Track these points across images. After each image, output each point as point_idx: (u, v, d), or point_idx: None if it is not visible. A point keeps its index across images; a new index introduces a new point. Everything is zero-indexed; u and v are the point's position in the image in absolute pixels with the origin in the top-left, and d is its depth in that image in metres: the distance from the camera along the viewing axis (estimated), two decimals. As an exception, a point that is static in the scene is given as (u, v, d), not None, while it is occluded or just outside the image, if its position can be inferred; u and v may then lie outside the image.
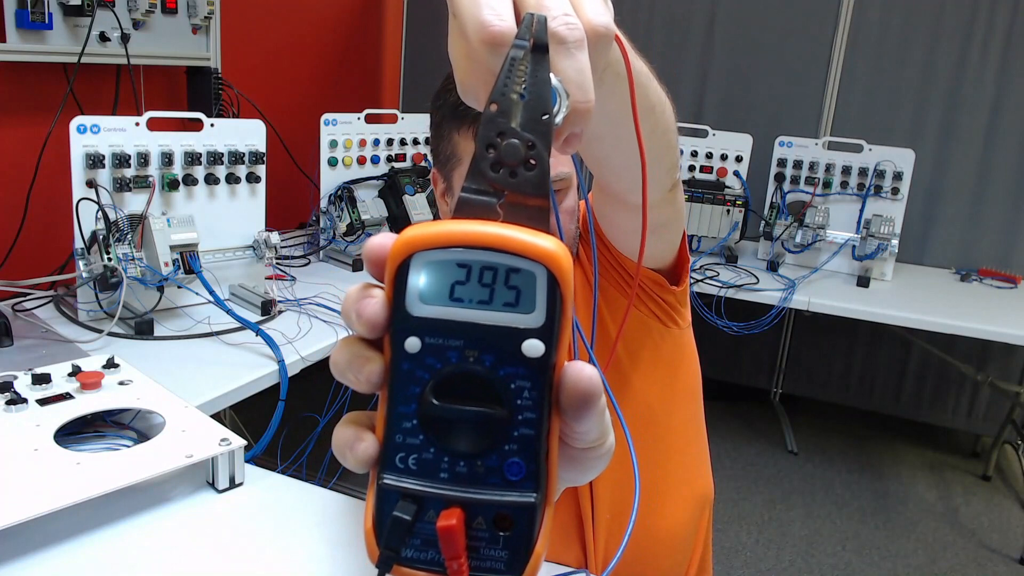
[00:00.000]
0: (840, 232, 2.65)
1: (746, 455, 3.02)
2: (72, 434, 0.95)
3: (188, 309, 1.69)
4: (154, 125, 1.62)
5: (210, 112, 2.23)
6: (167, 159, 1.64)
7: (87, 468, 0.84)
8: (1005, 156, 2.86)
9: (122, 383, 1.05)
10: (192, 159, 1.68)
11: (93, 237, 1.51)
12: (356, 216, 2.20)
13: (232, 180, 1.76)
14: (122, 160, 1.56)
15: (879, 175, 2.62)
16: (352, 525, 0.89)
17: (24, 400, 0.96)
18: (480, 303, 0.29)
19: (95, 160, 1.52)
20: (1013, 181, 2.87)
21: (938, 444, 3.23)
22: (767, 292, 2.45)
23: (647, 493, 0.97)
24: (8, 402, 0.95)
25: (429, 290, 0.29)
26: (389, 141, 2.38)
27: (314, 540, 0.86)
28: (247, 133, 1.78)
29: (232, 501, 0.92)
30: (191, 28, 2.20)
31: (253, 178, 1.79)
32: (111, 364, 1.08)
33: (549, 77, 0.32)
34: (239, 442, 0.92)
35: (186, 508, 0.89)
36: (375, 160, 2.34)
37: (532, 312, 0.29)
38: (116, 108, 2.10)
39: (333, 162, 2.25)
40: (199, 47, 2.25)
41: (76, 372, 1.04)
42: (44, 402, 0.97)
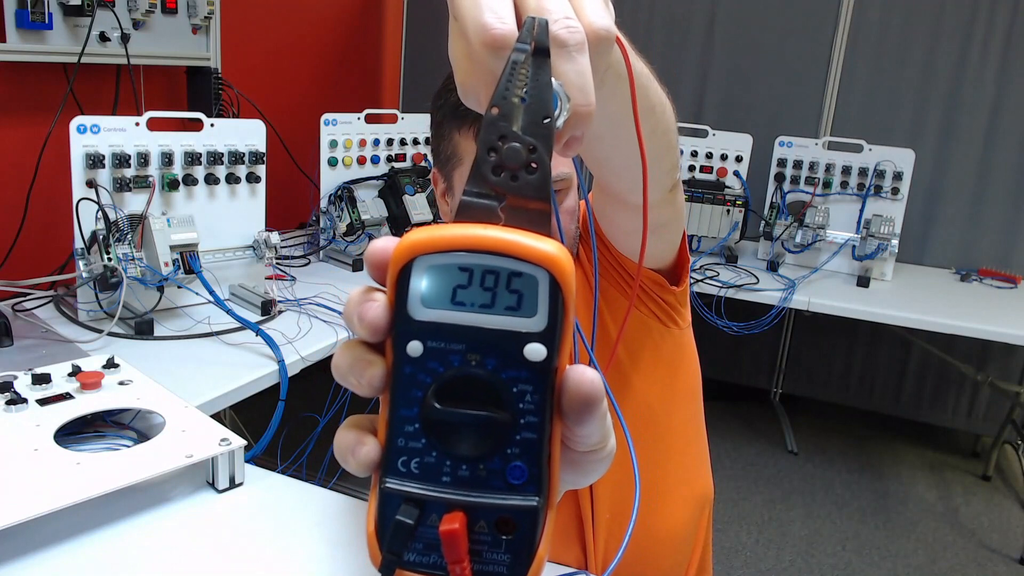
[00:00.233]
0: (840, 232, 2.65)
1: (746, 455, 3.03)
2: (72, 434, 0.95)
3: (188, 309, 1.69)
4: (154, 125, 1.62)
5: (210, 112, 2.23)
6: (167, 159, 1.64)
7: (87, 468, 0.84)
8: (1005, 156, 2.86)
9: (122, 383, 1.05)
10: (192, 159, 1.68)
11: (93, 237, 1.51)
12: (356, 216, 2.20)
13: (232, 180, 1.75)
14: (122, 160, 1.56)
15: (879, 175, 2.62)
16: (352, 525, 0.89)
17: (24, 400, 0.96)
18: (482, 307, 0.29)
19: (95, 160, 1.52)
20: (1013, 181, 2.87)
21: (938, 444, 3.23)
22: (767, 292, 2.45)
23: (647, 493, 0.97)
24: (8, 402, 0.95)
25: (431, 294, 0.29)
26: (389, 141, 2.38)
27: (314, 540, 0.86)
28: (247, 133, 1.78)
29: (232, 501, 0.92)
30: (191, 28, 2.20)
31: (253, 178, 1.79)
32: (111, 364, 1.08)
33: (550, 80, 0.32)
34: (239, 442, 0.92)
35: (186, 508, 0.89)
36: (375, 160, 2.34)
37: (534, 316, 0.29)
38: (116, 108, 2.10)
39: (333, 162, 2.25)
40: (199, 47, 2.25)
41: (76, 372, 1.04)
42: (44, 402, 0.97)
